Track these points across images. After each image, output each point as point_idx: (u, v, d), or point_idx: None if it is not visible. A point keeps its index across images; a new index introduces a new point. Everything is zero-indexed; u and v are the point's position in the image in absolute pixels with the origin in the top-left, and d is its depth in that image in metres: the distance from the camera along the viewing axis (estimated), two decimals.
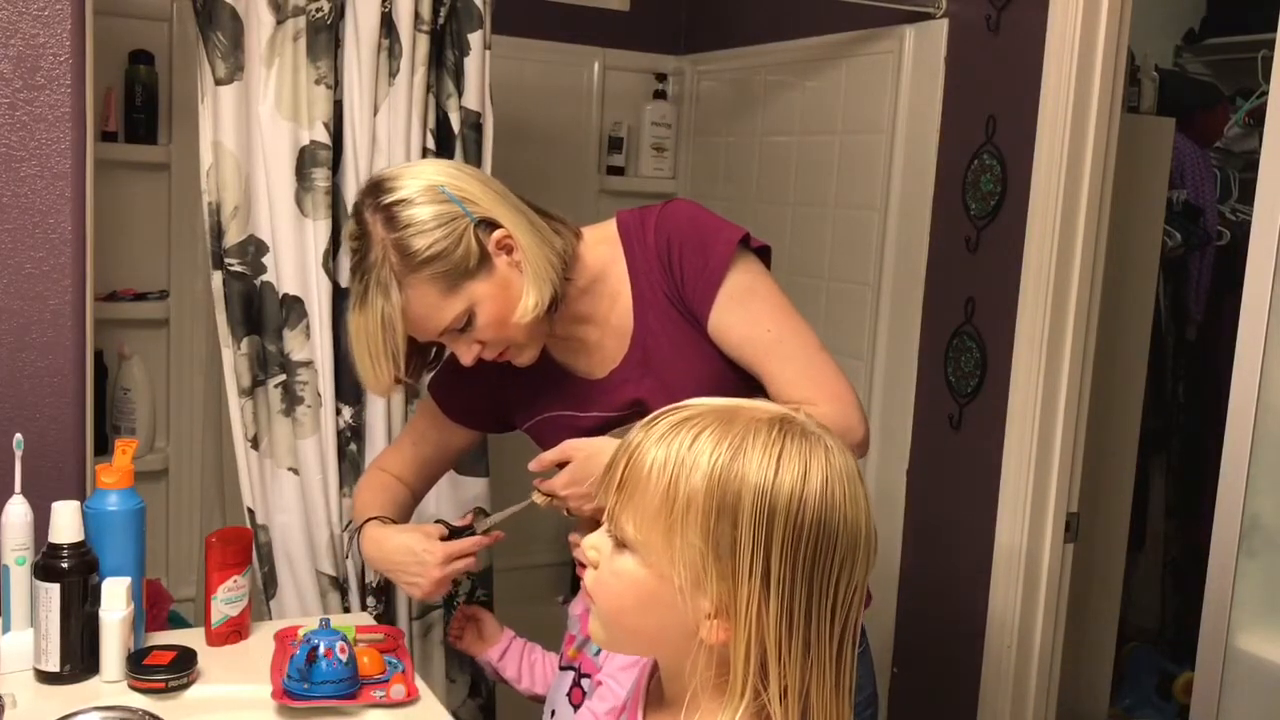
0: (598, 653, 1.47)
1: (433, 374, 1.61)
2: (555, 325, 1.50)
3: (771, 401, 0.96)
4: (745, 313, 1.45)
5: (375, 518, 1.59)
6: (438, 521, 1.59)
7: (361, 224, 1.41)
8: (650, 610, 0.91)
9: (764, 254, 1.52)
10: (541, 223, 1.46)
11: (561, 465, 1.45)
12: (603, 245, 1.52)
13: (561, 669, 1.55)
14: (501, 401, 1.61)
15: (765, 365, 1.45)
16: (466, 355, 1.45)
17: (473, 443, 1.73)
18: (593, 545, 0.95)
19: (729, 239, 1.45)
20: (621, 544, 0.92)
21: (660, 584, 0.89)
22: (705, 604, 0.88)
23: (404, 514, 1.65)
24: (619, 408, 1.51)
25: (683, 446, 0.88)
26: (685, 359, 1.48)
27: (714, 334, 1.47)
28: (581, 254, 1.51)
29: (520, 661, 1.66)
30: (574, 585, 1.66)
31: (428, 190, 1.39)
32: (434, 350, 1.54)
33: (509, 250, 1.42)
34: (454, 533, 1.55)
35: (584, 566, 1.49)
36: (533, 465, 1.48)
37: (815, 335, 1.49)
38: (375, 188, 1.42)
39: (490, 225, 1.41)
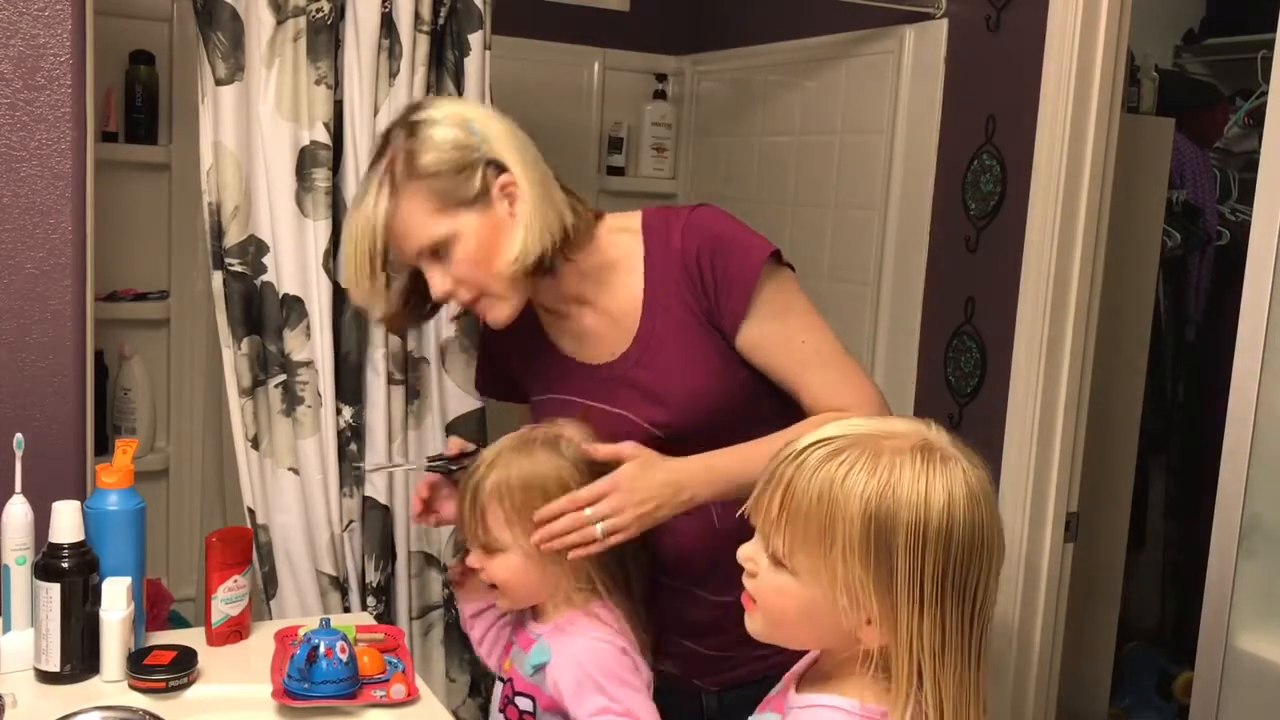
0: (534, 673, 1.40)
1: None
2: (545, 297, 1.50)
3: (899, 420, 1.07)
4: (781, 326, 1.46)
5: None
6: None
7: (386, 137, 1.45)
8: (810, 621, 1.02)
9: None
10: (556, 189, 1.46)
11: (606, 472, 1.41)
12: (623, 234, 1.52)
13: (500, 679, 1.50)
14: (511, 379, 1.64)
15: (802, 376, 1.47)
16: (438, 287, 1.45)
17: None
18: (749, 556, 1.05)
19: (761, 251, 1.45)
20: (778, 562, 1.02)
21: (820, 600, 0.99)
22: (863, 615, 0.98)
23: None
24: (611, 402, 1.50)
25: (835, 482, 0.98)
26: (687, 367, 1.47)
27: (744, 346, 1.46)
28: (597, 235, 1.50)
29: (488, 629, 1.60)
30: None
31: (456, 118, 1.43)
32: (429, 306, 1.54)
33: (511, 199, 1.42)
34: (438, 460, 1.55)
35: (459, 584, 1.50)
36: (585, 447, 1.42)
37: (839, 340, 1.51)
38: (411, 109, 1.48)
39: (502, 169, 1.42)
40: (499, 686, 1.49)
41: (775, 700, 1.14)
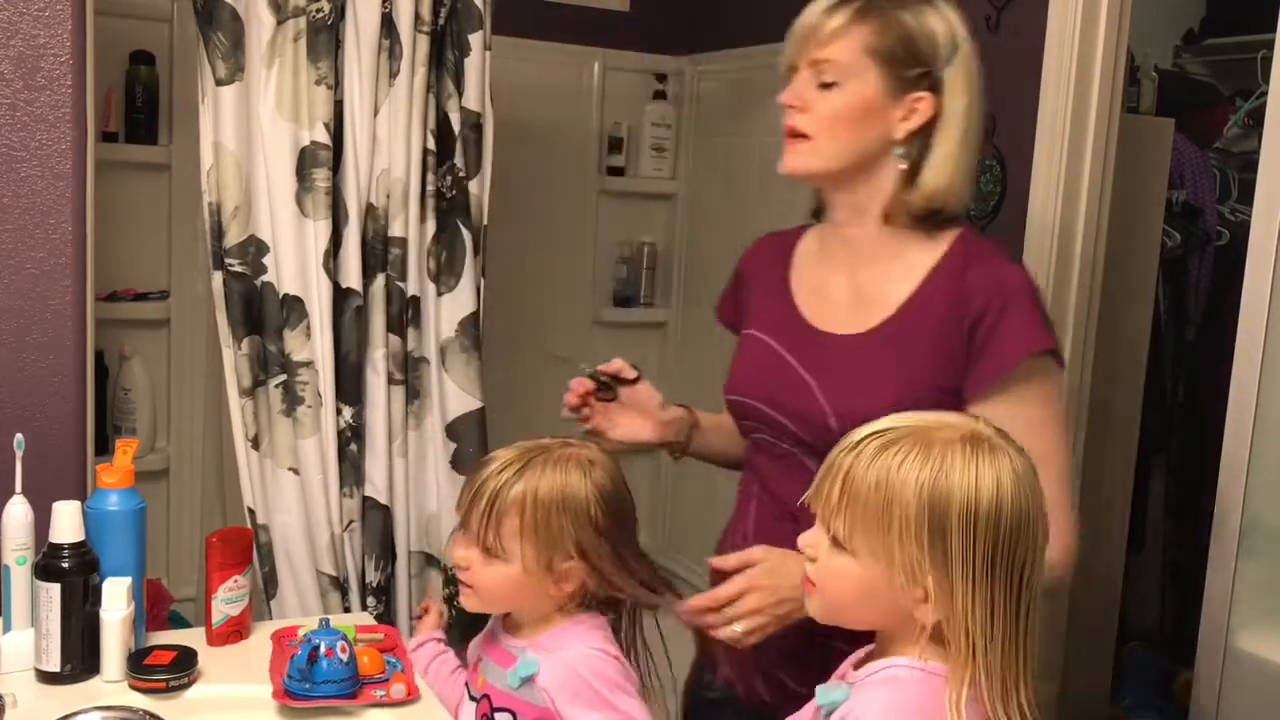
0: (520, 685, 1.37)
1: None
2: (841, 231, 1.47)
3: (949, 413, 1.13)
4: (1013, 420, 1.28)
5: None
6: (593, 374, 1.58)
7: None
8: (869, 599, 1.09)
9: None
10: (967, 169, 1.42)
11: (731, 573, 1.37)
12: (935, 240, 1.44)
13: (471, 698, 1.47)
14: (743, 305, 1.59)
15: None
16: (793, 95, 1.40)
17: None
18: (809, 543, 1.12)
19: (1040, 339, 1.36)
20: (837, 544, 1.09)
21: (877, 579, 1.07)
22: (919, 592, 1.05)
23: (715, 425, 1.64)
24: (808, 367, 1.44)
25: (891, 469, 1.06)
26: (898, 382, 1.37)
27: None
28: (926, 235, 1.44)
29: (429, 661, 1.60)
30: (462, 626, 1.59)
31: (957, 32, 1.39)
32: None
33: (908, 116, 1.38)
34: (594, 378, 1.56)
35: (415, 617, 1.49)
36: (714, 562, 1.39)
37: (1069, 466, 1.41)
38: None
39: (935, 91, 1.38)
40: (469, 706, 1.46)
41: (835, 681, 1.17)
